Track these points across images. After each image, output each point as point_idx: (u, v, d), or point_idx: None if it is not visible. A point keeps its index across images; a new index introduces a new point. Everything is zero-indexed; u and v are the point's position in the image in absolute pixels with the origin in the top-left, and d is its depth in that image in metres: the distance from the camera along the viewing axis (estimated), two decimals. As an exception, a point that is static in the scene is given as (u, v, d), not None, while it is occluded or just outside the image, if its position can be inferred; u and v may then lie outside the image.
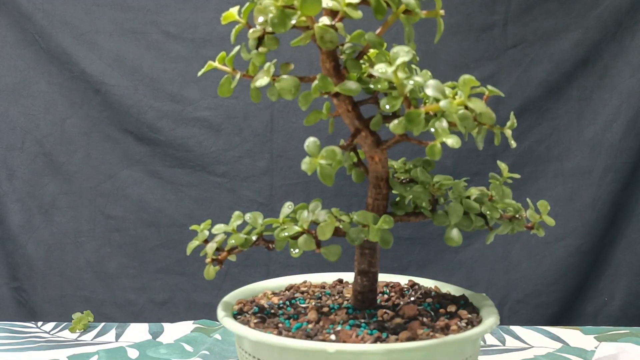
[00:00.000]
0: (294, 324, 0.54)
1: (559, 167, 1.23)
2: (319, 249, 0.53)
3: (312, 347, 0.48)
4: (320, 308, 0.59)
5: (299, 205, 0.57)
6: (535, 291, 1.24)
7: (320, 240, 0.54)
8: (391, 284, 0.68)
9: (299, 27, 0.48)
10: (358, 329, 0.52)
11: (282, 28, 0.46)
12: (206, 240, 0.58)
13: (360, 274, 0.59)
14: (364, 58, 0.53)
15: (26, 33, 1.23)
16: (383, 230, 0.53)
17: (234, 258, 0.58)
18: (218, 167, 1.25)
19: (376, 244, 0.58)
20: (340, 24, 0.48)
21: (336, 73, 0.51)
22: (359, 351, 0.47)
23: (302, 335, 0.51)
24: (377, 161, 0.56)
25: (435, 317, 0.56)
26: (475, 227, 0.56)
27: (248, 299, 0.64)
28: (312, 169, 0.49)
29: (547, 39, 1.21)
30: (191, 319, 1.12)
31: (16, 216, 1.25)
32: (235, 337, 0.57)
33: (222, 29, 1.18)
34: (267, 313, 0.58)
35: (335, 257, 0.53)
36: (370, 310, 0.58)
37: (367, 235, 0.52)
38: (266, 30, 0.50)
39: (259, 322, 0.55)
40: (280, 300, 0.63)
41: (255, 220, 0.57)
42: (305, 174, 0.50)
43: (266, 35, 0.50)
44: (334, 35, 0.47)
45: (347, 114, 0.52)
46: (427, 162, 0.60)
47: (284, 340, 0.49)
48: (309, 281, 0.70)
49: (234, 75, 0.53)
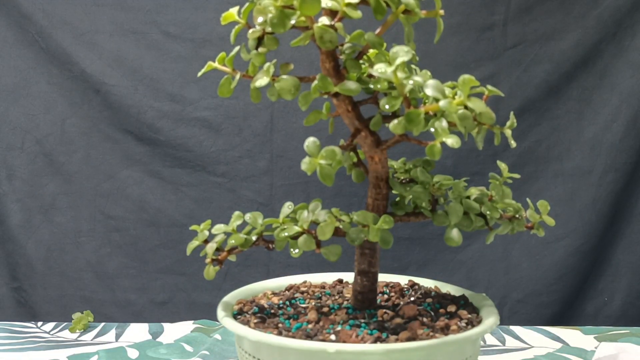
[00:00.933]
0: (294, 324, 0.54)
1: (559, 167, 1.23)
2: (319, 249, 0.53)
3: (312, 347, 0.48)
4: (320, 308, 0.59)
5: (299, 205, 0.57)
6: (535, 291, 1.24)
7: (320, 240, 0.54)
8: (391, 284, 0.68)
9: (299, 27, 0.48)
10: (358, 329, 0.52)
11: (282, 28, 0.46)
12: (206, 241, 0.58)
13: (360, 274, 0.59)
14: (364, 58, 0.53)
15: (26, 33, 1.23)
16: (383, 230, 0.53)
17: (234, 258, 0.58)
18: (218, 167, 1.25)
19: (376, 244, 0.58)
20: (340, 24, 0.48)
21: (336, 73, 0.51)
22: (358, 351, 0.47)
23: (302, 335, 0.51)
24: (377, 161, 0.56)
25: (435, 317, 0.56)
26: (475, 227, 0.56)
27: (248, 299, 0.64)
28: (312, 169, 0.49)
29: (547, 39, 1.21)
30: (191, 319, 1.12)
31: (16, 216, 1.25)
32: (235, 337, 0.57)
33: (222, 29, 1.17)
34: (267, 313, 0.58)
35: (336, 257, 0.53)
36: (370, 310, 0.58)
37: (367, 236, 0.52)
38: (266, 31, 0.50)
39: (259, 322, 0.55)
40: (280, 300, 0.63)
41: (255, 220, 0.57)
42: (305, 174, 0.50)
43: (266, 36, 0.50)
44: (333, 35, 0.47)
45: (347, 114, 0.52)
46: (427, 162, 0.60)
47: (284, 340, 0.49)
48: (309, 281, 0.70)
49: (233, 75, 0.53)
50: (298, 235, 0.54)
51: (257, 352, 0.53)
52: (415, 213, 0.58)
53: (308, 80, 0.51)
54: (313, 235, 0.53)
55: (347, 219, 0.54)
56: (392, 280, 0.70)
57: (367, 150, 0.55)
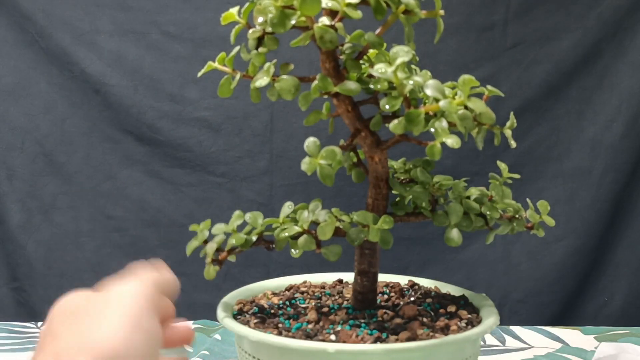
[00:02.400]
0: (294, 324, 0.54)
1: (559, 167, 1.23)
2: (319, 249, 0.53)
3: (312, 347, 0.48)
4: (320, 308, 0.59)
5: (299, 206, 0.57)
6: (535, 291, 1.24)
7: (320, 240, 0.54)
8: (391, 284, 0.68)
9: (299, 27, 0.48)
10: (358, 329, 0.52)
11: (282, 28, 0.46)
12: (206, 241, 0.58)
13: (360, 274, 0.59)
14: (364, 58, 0.53)
15: (26, 33, 1.23)
16: (383, 230, 0.53)
17: (234, 258, 0.58)
18: (218, 167, 1.25)
19: (376, 244, 0.58)
20: (340, 24, 0.48)
21: (336, 73, 0.51)
22: (358, 351, 0.47)
23: (302, 336, 0.51)
24: (377, 161, 0.56)
25: (435, 317, 0.56)
26: (475, 228, 0.56)
27: (248, 299, 0.64)
28: (311, 169, 0.49)
29: (547, 39, 1.21)
30: (191, 319, 1.12)
31: (16, 216, 1.25)
32: (235, 337, 0.57)
33: (221, 29, 1.17)
34: (267, 313, 0.58)
35: (336, 257, 0.53)
36: (370, 311, 0.58)
37: (367, 236, 0.52)
38: (266, 31, 0.50)
39: (259, 322, 0.55)
40: (280, 301, 0.63)
41: (255, 220, 0.57)
42: (305, 174, 0.50)
43: (266, 36, 0.50)
44: (333, 35, 0.47)
45: (347, 114, 0.52)
46: (426, 162, 0.60)
47: (284, 341, 0.49)
48: (309, 281, 0.70)
49: (233, 75, 0.53)
50: (298, 235, 0.54)
51: (257, 353, 0.53)
52: (415, 213, 0.58)
53: (308, 80, 0.51)
54: (313, 236, 0.53)
55: (347, 219, 0.54)
56: (392, 280, 0.70)
57: (367, 150, 0.55)
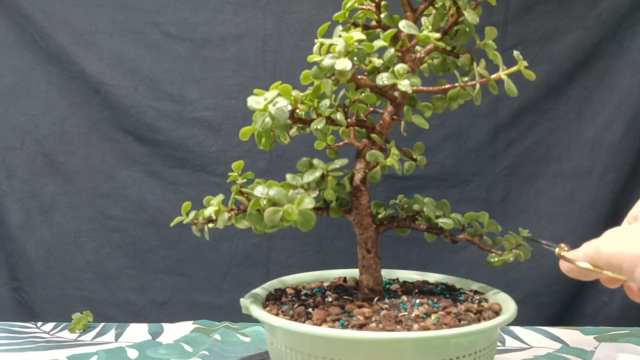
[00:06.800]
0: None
1: (559, 167, 1.23)
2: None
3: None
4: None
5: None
6: (535, 291, 1.24)
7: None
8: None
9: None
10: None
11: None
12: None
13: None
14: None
15: (26, 33, 1.23)
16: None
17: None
18: (218, 167, 1.25)
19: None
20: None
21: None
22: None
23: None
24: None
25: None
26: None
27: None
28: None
29: (547, 39, 1.21)
30: (191, 319, 1.12)
31: (16, 216, 1.25)
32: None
33: (222, 29, 1.17)
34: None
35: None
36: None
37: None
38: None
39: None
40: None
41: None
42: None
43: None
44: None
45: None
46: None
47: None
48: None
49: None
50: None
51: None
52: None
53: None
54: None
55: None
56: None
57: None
